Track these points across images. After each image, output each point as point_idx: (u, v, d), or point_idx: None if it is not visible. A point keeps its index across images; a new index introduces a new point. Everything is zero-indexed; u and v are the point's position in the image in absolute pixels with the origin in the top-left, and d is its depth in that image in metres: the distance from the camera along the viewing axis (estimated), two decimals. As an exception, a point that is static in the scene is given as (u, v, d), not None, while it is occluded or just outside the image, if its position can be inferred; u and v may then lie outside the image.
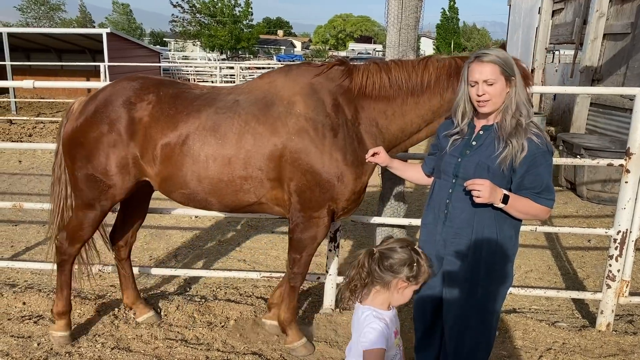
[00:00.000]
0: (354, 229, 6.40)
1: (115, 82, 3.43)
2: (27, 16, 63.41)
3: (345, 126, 3.02)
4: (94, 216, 3.42)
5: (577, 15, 12.23)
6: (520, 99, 2.48)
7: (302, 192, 3.06)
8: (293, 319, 3.52)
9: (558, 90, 6.23)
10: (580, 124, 10.56)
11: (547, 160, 2.47)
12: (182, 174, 3.16)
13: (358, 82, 3.05)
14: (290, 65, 3.28)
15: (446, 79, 2.98)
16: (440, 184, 2.71)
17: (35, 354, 3.49)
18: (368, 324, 2.13)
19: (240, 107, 3.12)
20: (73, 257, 3.61)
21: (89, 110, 3.31)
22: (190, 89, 3.34)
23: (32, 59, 22.12)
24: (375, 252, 2.16)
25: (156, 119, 3.17)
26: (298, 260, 3.30)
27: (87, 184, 3.33)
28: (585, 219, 7.06)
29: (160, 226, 6.39)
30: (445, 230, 2.66)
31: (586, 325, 4.07)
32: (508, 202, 2.44)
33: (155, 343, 3.63)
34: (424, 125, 3.12)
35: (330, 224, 3.23)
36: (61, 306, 3.63)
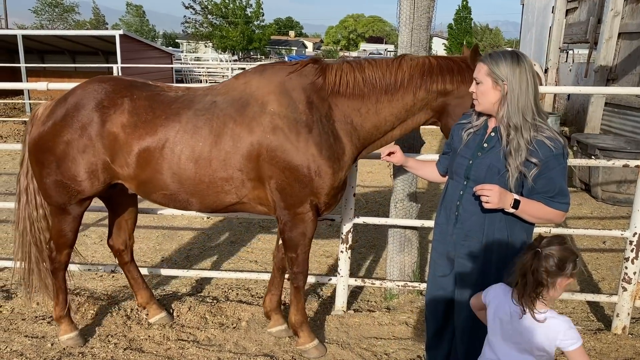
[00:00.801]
0: (366, 230, 6.38)
1: (86, 84, 3.37)
2: (41, 18, 64.01)
3: (320, 122, 3.05)
4: (71, 220, 3.42)
5: (591, 14, 12.10)
6: (523, 105, 2.39)
7: (283, 189, 3.10)
8: (304, 320, 3.51)
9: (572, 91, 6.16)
10: (595, 124, 10.44)
11: (560, 164, 2.42)
12: (162, 177, 3.16)
13: (331, 80, 3.08)
14: (265, 64, 3.30)
15: (419, 78, 3.02)
16: (453, 184, 2.69)
17: (49, 354, 3.51)
18: (563, 324, 2.15)
19: (218, 109, 3.13)
20: (64, 264, 3.59)
21: (58, 114, 3.26)
22: (165, 91, 3.32)
23: (46, 61, 22.34)
24: (541, 253, 2.15)
25: (133, 125, 3.15)
26: (295, 259, 3.31)
27: (56, 190, 3.31)
28: (600, 221, 6.98)
29: (172, 227, 6.42)
30: (456, 231, 2.64)
31: (601, 329, 4.01)
32: (519, 206, 2.40)
33: (168, 344, 3.64)
34: (397, 123, 3.16)
35: (316, 219, 3.25)
36: (59, 310, 3.64)
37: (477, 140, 2.59)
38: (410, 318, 4.01)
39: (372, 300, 4.50)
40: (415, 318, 4.01)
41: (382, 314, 4.07)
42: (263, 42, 51.32)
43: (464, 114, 2.79)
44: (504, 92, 2.42)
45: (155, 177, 3.17)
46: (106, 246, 5.76)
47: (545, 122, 2.47)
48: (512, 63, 2.41)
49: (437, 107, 3.08)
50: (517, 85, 2.40)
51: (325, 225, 6.48)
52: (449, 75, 3.01)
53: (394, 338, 3.77)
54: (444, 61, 3.05)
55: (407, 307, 4.20)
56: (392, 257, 4.39)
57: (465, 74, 2.99)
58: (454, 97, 3.02)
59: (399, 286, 4.24)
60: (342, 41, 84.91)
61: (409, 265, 4.38)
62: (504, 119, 2.43)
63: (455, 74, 3.01)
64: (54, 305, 3.66)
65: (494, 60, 2.43)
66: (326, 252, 5.73)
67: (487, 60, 2.46)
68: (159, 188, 3.22)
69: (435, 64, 3.03)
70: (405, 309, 4.18)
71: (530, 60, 2.52)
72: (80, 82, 3.43)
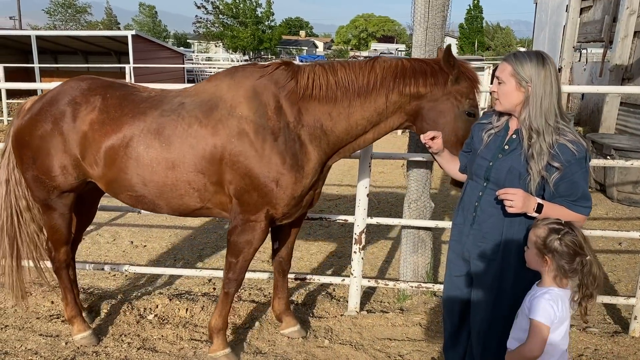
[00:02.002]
0: (379, 231, 6.35)
1: (65, 82, 3.40)
2: (54, 19, 64.63)
3: (286, 129, 2.97)
4: (58, 216, 3.42)
5: (606, 12, 11.96)
6: (546, 107, 2.36)
7: (241, 195, 3.03)
8: (223, 328, 3.40)
9: (587, 90, 6.09)
10: (610, 123, 10.31)
11: (582, 168, 2.38)
12: (127, 177, 3.13)
13: (303, 83, 2.99)
14: (238, 67, 3.23)
15: (392, 81, 2.93)
16: (472, 185, 2.66)
17: (63, 353, 3.52)
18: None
19: (185, 110, 3.08)
20: (64, 263, 3.58)
21: (35, 108, 3.30)
22: (139, 92, 3.30)
23: (59, 61, 22.57)
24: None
25: (101, 122, 3.14)
26: (234, 265, 3.23)
27: (35, 184, 3.35)
28: (615, 222, 6.89)
29: (184, 227, 6.43)
30: (473, 232, 2.62)
31: (619, 331, 3.95)
32: (542, 211, 2.37)
33: (181, 343, 3.64)
34: (369, 127, 3.06)
35: (267, 230, 3.17)
36: (69, 310, 3.64)
37: (498, 141, 2.56)
38: (424, 319, 3.98)
39: (385, 301, 4.47)
40: (429, 319, 3.98)
41: (395, 315, 4.04)
42: (273, 42, 51.41)
43: (485, 113, 2.75)
44: (527, 94, 2.39)
45: (120, 177, 3.15)
46: (119, 245, 5.83)
47: (568, 125, 2.43)
48: (538, 65, 2.37)
49: (411, 111, 2.98)
50: (541, 88, 2.36)
51: (338, 226, 6.46)
52: (422, 78, 2.91)
53: (408, 339, 3.73)
54: (417, 63, 2.96)
55: (420, 308, 4.16)
56: (405, 257, 4.36)
57: (438, 76, 2.89)
58: (428, 101, 2.92)
59: (412, 287, 4.20)
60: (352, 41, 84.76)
61: (422, 266, 4.34)
62: (526, 121, 2.39)
63: (428, 76, 2.91)
64: (64, 306, 3.67)
65: (519, 61, 2.39)
66: (338, 252, 5.70)
67: (512, 60, 2.42)
68: (125, 188, 3.19)
69: (409, 66, 2.94)
70: (419, 310, 4.14)
71: (553, 62, 2.47)
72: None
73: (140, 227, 6.41)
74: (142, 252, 5.66)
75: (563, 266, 2.23)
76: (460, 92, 2.89)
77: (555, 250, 2.22)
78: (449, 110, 2.89)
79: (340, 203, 7.49)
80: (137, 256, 5.53)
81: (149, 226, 6.42)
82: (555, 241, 2.21)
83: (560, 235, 2.21)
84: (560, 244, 2.21)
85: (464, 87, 2.89)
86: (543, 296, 2.25)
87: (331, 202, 7.52)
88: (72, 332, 3.67)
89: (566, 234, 2.21)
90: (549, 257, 2.24)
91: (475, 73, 2.97)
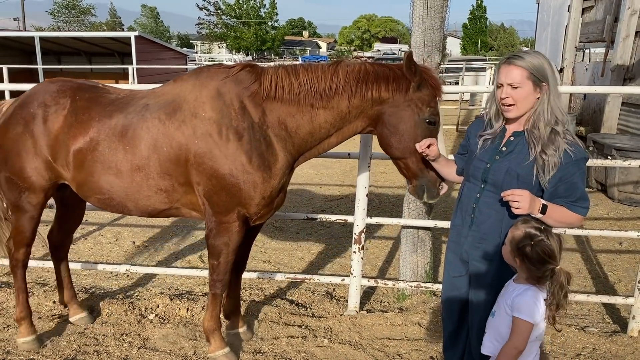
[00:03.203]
0: (380, 230, 6.37)
1: (38, 84, 3.44)
2: (58, 20, 64.88)
3: (251, 129, 2.97)
4: (28, 218, 3.44)
5: (608, 12, 11.94)
6: (556, 105, 2.40)
7: (210, 197, 3.04)
8: (217, 327, 3.42)
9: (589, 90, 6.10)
10: (612, 124, 10.30)
11: (580, 169, 2.41)
12: (95, 179, 3.16)
13: (266, 85, 2.99)
14: (203, 67, 3.24)
15: (354, 85, 2.92)
16: (469, 187, 2.68)
17: (65, 352, 3.56)
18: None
19: (149, 112, 3.08)
20: (22, 262, 3.60)
21: (8, 111, 3.35)
22: (108, 94, 3.31)
23: (63, 62, 22.63)
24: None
25: (69, 125, 3.17)
26: (217, 267, 3.24)
27: (7, 186, 3.38)
28: (616, 221, 6.89)
29: (185, 227, 6.46)
30: (472, 234, 2.63)
31: (617, 331, 3.97)
32: (546, 212, 2.38)
33: (181, 343, 3.67)
34: (333, 131, 3.07)
35: (242, 230, 3.16)
36: (19, 312, 3.63)
37: (495, 144, 2.58)
38: (423, 319, 4.00)
39: (385, 300, 4.50)
40: (428, 319, 4.00)
41: (394, 315, 4.06)
42: (276, 42, 51.48)
43: (477, 117, 2.76)
44: (544, 92, 2.39)
45: (88, 180, 3.18)
46: (121, 245, 5.86)
47: (567, 129, 2.47)
48: (546, 61, 2.39)
49: (373, 116, 2.98)
50: (554, 84, 2.39)
51: (339, 226, 6.49)
52: (384, 83, 2.90)
53: (407, 339, 3.76)
54: (380, 68, 2.96)
55: (420, 308, 4.18)
56: (405, 257, 4.38)
57: (400, 82, 2.88)
58: (389, 106, 2.92)
59: (411, 287, 4.22)
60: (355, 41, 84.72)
61: (422, 266, 4.37)
62: (547, 117, 2.38)
63: (390, 82, 2.90)
64: (16, 305, 3.67)
65: (531, 62, 2.38)
66: (339, 252, 5.73)
67: (521, 61, 2.39)
68: (93, 191, 3.21)
69: (371, 70, 2.93)
70: (418, 309, 4.16)
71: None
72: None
73: (142, 227, 6.45)
74: (143, 252, 5.69)
75: (532, 270, 2.28)
76: (421, 100, 2.89)
77: (525, 255, 2.27)
78: (409, 117, 2.89)
79: (342, 203, 7.51)
80: (139, 256, 5.57)
81: (151, 226, 6.46)
82: (527, 247, 2.26)
83: (533, 242, 2.26)
84: (531, 250, 2.26)
85: (425, 94, 2.89)
86: (526, 293, 2.30)
87: (332, 203, 7.55)
88: (17, 335, 3.65)
89: (539, 242, 2.25)
90: (518, 259, 2.30)
91: (439, 81, 2.98)
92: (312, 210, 7.07)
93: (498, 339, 2.39)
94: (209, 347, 3.46)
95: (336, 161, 10.21)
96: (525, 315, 2.25)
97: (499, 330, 2.39)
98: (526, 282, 2.33)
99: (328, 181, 8.95)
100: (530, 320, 2.25)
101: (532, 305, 2.26)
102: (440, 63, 4.11)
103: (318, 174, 9.41)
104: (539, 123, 2.40)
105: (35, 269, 5.07)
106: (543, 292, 2.31)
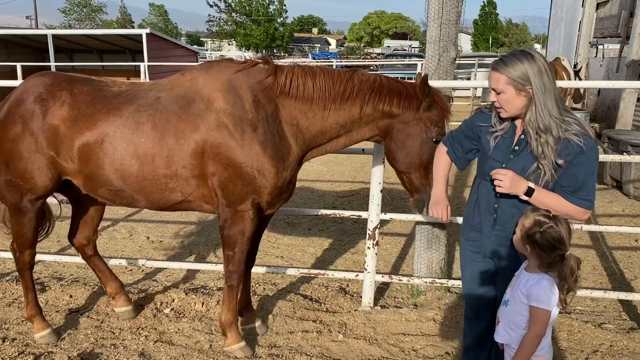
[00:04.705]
0: (393, 227, 6.36)
1: (27, 80, 3.37)
2: (69, 18, 65.36)
3: (265, 122, 3.05)
4: (28, 219, 3.43)
5: (623, 7, 11.82)
6: (544, 108, 2.36)
7: (225, 187, 3.09)
8: (234, 321, 3.43)
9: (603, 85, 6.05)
10: (627, 120, 10.21)
11: (587, 159, 2.39)
12: (104, 172, 3.16)
13: (281, 82, 3.08)
14: (212, 62, 3.30)
15: (368, 94, 3.06)
16: (486, 186, 2.65)
17: (83, 345, 3.59)
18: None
19: (162, 105, 3.13)
20: (28, 264, 3.60)
21: (2, 112, 3.29)
22: (108, 86, 3.32)
23: (74, 60, 22.80)
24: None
25: (73, 118, 3.16)
26: (232, 257, 3.28)
27: (8, 189, 3.34)
28: (632, 218, 6.82)
29: (199, 222, 6.49)
30: (496, 233, 2.63)
31: (634, 328, 3.93)
32: (533, 195, 2.41)
33: (197, 337, 3.69)
34: (343, 132, 3.19)
35: (256, 218, 3.23)
36: (29, 310, 3.66)
37: (507, 143, 2.57)
38: (438, 315, 3.99)
39: (399, 296, 4.49)
40: (443, 315, 3.98)
41: (409, 311, 4.05)
42: (286, 39, 51.51)
43: (482, 112, 2.72)
44: (529, 95, 2.39)
45: (98, 172, 3.18)
46: (136, 240, 5.91)
47: (572, 115, 2.44)
48: (530, 64, 2.37)
49: (383, 127, 3.12)
50: (540, 86, 2.37)
51: (351, 222, 6.48)
52: (397, 99, 3.04)
53: (422, 334, 3.75)
54: (394, 83, 3.09)
55: (434, 304, 4.17)
56: (419, 253, 4.37)
57: (412, 100, 3.02)
58: (399, 121, 3.06)
59: (426, 283, 4.21)
60: (365, 38, 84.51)
61: (436, 262, 4.35)
62: (532, 121, 2.40)
63: (403, 98, 3.03)
64: (25, 305, 3.69)
65: (510, 67, 2.39)
66: (352, 248, 5.73)
67: (502, 68, 2.41)
68: (103, 184, 3.23)
69: (386, 84, 3.07)
70: (432, 305, 4.15)
71: (540, 55, 2.47)
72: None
73: (156, 223, 6.49)
74: (158, 247, 5.73)
75: (543, 257, 2.30)
76: (430, 119, 3.03)
77: (535, 242, 2.30)
78: (417, 135, 3.05)
79: (354, 200, 7.51)
80: (154, 251, 5.60)
81: (165, 222, 6.50)
82: (537, 234, 2.29)
83: (542, 229, 2.28)
84: (541, 237, 2.28)
85: (434, 115, 3.04)
86: (541, 282, 2.31)
87: (344, 199, 7.54)
88: (33, 330, 3.67)
89: (549, 228, 2.28)
90: (529, 246, 2.33)
91: (447, 103, 3.10)
92: (324, 207, 7.07)
93: (512, 327, 2.41)
94: (225, 341, 3.47)
95: (347, 158, 10.20)
96: (543, 304, 2.29)
97: (513, 319, 2.40)
98: (538, 269, 2.34)
99: (339, 178, 8.94)
100: (548, 309, 2.29)
101: (549, 293, 2.29)
102: (456, 58, 4.08)
103: (329, 171, 9.40)
104: (535, 121, 2.39)
105: (51, 264, 5.12)
106: (556, 279, 2.34)
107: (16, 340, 3.64)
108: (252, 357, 3.45)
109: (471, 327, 2.91)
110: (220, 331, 3.72)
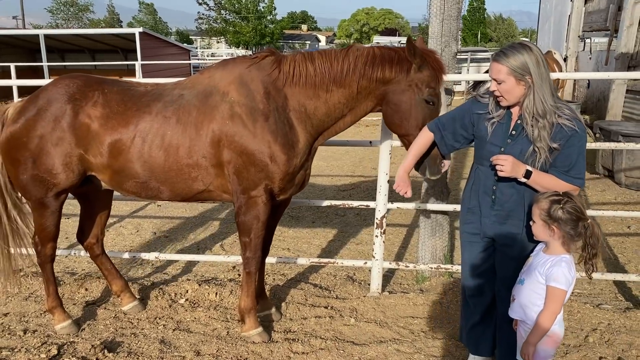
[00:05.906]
0: (399, 215, 6.53)
1: (56, 81, 3.54)
2: (56, 17, 64.84)
3: (276, 112, 3.24)
4: (50, 213, 3.56)
5: (611, 1, 12.06)
6: (542, 96, 2.55)
7: (240, 173, 3.28)
8: (253, 307, 3.58)
9: (593, 76, 6.26)
10: (617, 111, 10.45)
11: (579, 142, 2.59)
12: (134, 165, 3.35)
13: (286, 71, 3.26)
14: (228, 59, 3.51)
15: (362, 67, 3.17)
16: (483, 170, 2.83)
17: (103, 335, 3.71)
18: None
19: (185, 100, 3.34)
20: (50, 257, 3.72)
21: (30, 111, 3.40)
22: (135, 87, 3.52)
23: (66, 60, 22.75)
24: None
25: (105, 117, 3.34)
26: (249, 244, 3.44)
27: (33, 184, 3.46)
28: (624, 206, 7.03)
29: (204, 217, 6.62)
30: (495, 213, 2.81)
31: (630, 307, 4.12)
32: (531, 177, 2.60)
33: (214, 325, 3.82)
34: (347, 111, 3.32)
35: (269, 204, 3.39)
36: (50, 302, 3.78)
37: (504, 128, 2.75)
38: (443, 298, 4.15)
39: (404, 283, 4.66)
40: (448, 298, 4.15)
41: (416, 295, 4.21)
42: (275, 36, 51.45)
43: (477, 101, 2.88)
44: (528, 84, 2.56)
45: (127, 166, 3.36)
46: (143, 236, 6.02)
47: (563, 102, 2.65)
48: (529, 55, 2.55)
49: (380, 95, 3.23)
50: (538, 76, 2.56)
51: (353, 215, 6.64)
52: (389, 65, 3.14)
53: (430, 317, 3.91)
54: (386, 51, 3.19)
55: (439, 289, 4.34)
56: (424, 241, 4.54)
57: (403, 63, 3.11)
58: (393, 86, 3.16)
59: (431, 269, 4.38)
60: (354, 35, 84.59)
61: (440, 249, 4.52)
62: (530, 108, 2.57)
63: (394, 63, 3.13)
64: (46, 297, 3.81)
65: (512, 58, 2.56)
66: (355, 239, 5.88)
67: (503, 59, 2.58)
68: (131, 177, 3.40)
69: (379, 54, 3.17)
70: (437, 290, 4.32)
71: (537, 47, 2.65)
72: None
73: (161, 218, 6.61)
74: (165, 242, 5.85)
75: (569, 232, 2.44)
76: (421, 80, 3.10)
77: (559, 219, 2.43)
78: (410, 97, 3.13)
79: (355, 193, 7.66)
80: (161, 246, 5.72)
81: (170, 217, 6.62)
82: (559, 210, 2.42)
83: (561, 205, 2.42)
84: (563, 212, 2.42)
85: (426, 75, 3.10)
86: (560, 264, 2.46)
87: (345, 193, 7.69)
88: (54, 322, 3.79)
89: (567, 203, 2.43)
90: (555, 226, 2.45)
91: (441, 63, 3.16)
92: (328, 199, 7.20)
93: (527, 305, 2.56)
94: (242, 327, 3.62)
95: (345, 153, 10.36)
96: (562, 285, 2.43)
97: (529, 297, 2.55)
98: (562, 248, 2.48)
99: (339, 172, 9.09)
100: (565, 289, 2.43)
101: (567, 274, 2.43)
102: (457, 52, 4.24)
103: (329, 166, 9.55)
104: (526, 115, 2.59)
105: (62, 260, 5.22)
106: (572, 256, 2.49)
107: (37, 332, 3.76)
108: (269, 341, 3.59)
109: (476, 304, 3.08)
110: (236, 318, 3.87)
